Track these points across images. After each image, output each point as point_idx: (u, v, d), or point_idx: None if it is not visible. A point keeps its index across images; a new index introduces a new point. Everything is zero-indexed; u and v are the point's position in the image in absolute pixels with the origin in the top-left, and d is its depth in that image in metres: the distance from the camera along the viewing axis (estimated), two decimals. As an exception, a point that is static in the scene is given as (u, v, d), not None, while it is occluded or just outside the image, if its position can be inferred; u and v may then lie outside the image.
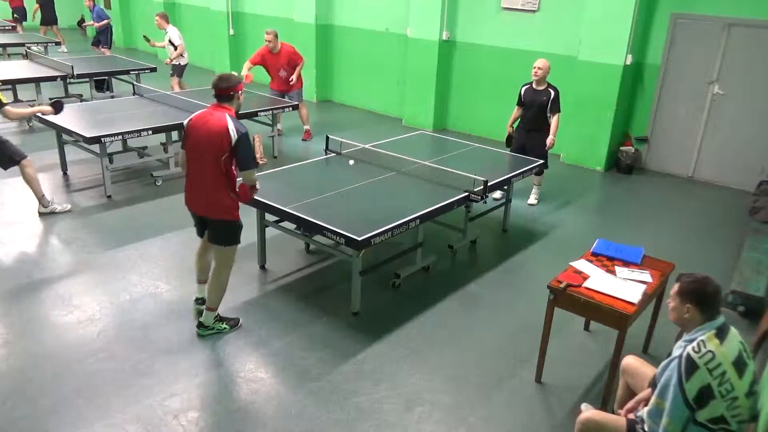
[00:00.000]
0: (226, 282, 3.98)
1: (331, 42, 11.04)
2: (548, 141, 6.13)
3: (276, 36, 8.01)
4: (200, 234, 4.07)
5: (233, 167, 3.69)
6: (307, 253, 5.29)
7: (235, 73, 3.78)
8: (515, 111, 6.38)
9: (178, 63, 9.49)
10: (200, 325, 4.03)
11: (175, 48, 9.34)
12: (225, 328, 4.07)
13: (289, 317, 4.31)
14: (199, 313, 4.16)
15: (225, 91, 3.67)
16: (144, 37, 10.30)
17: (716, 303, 2.54)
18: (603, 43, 7.60)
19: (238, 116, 3.78)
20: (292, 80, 8.15)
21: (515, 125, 6.46)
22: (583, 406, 3.43)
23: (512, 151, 6.34)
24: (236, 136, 3.54)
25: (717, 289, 2.55)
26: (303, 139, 8.73)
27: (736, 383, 2.39)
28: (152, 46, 10.03)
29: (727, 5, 7.09)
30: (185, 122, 3.75)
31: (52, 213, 5.75)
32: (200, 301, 4.27)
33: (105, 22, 12.15)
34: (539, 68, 6.00)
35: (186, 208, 3.95)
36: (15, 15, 15.05)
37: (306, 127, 8.76)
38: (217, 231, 3.84)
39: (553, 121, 6.10)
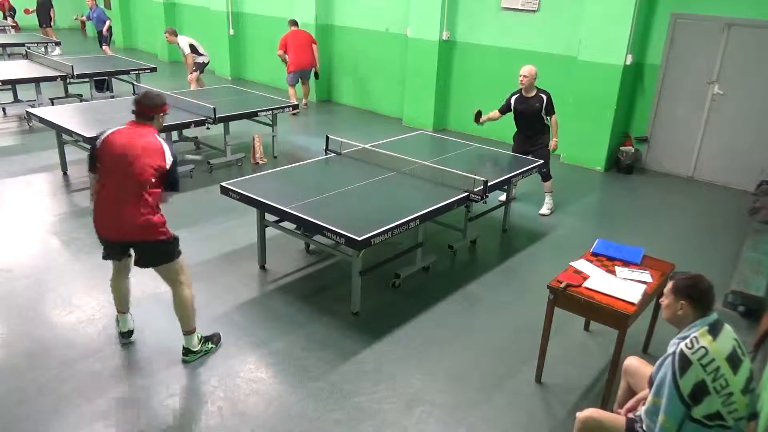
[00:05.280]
0: (192, 299, 3.68)
1: (331, 42, 11.04)
2: (552, 144, 6.16)
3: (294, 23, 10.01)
4: (115, 257, 3.71)
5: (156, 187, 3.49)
6: (307, 253, 5.29)
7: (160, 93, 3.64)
8: (494, 112, 6.26)
9: (201, 61, 10.04)
10: (187, 351, 3.74)
11: (185, 56, 9.88)
12: (212, 347, 3.85)
13: (289, 317, 4.31)
14: (126, 346, 3.86)
15: (148, 110, 3.59)
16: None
17: (709, 300, 2.56)
18: (603, 43, 7.61)
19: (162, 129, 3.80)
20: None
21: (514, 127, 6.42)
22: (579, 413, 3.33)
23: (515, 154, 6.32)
24: (171, 159, 3.48)
25: (710, 285, 2.57)
26: (292, 113, 9.77)
27: (730, 379, 2.40)
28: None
29: (727, 5, 7.09)
30: (98, 141, 3.47)
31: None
32: (127, 334, 3.90)
33: (108, 23, 12.59)
34: (525, 76, 5.91)
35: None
36: (9, 12, 15.20)
37: (305, 100, 10.19)
38: (152, 254, 3.56)
39: (553, 122, 6.09)
